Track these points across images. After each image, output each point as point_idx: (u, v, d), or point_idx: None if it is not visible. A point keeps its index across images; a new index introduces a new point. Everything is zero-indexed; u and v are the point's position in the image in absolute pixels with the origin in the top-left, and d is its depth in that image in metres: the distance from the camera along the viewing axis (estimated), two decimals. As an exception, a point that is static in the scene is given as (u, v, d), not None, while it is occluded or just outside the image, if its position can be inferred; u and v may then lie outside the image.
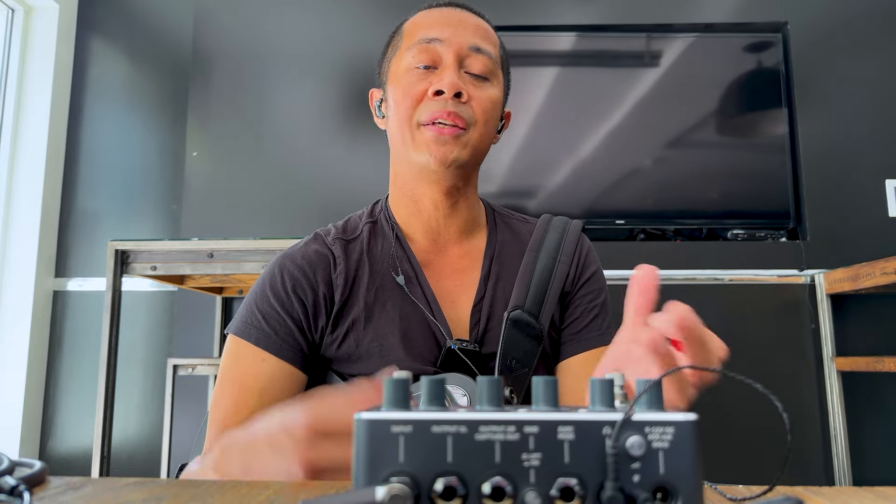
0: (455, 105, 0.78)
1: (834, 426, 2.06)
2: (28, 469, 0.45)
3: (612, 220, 2.25)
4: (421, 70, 0.80)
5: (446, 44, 0.80)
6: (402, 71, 0.81)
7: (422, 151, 0.79)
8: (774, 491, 0.40)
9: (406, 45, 0.82)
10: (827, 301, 2.12)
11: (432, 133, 0.78)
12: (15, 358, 2.25)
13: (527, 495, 0.32)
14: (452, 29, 0.81)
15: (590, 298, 0.86)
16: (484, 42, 0.82)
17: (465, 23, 0.82)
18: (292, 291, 0.79)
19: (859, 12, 2.34)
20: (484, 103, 0.80)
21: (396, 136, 0.82)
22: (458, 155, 0.79)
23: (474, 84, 0.81)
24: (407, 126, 0.80)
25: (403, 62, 0.82)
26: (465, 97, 0.79)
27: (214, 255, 1.72)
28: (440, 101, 0.78)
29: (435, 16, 0.83)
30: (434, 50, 0.80)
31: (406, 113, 0.80)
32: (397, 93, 0.81)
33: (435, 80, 0.79)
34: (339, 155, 2.35)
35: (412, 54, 0.81)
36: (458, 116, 0.78)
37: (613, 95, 2.33)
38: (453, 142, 0.78)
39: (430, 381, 0.35)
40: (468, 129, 0.79)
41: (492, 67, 0.82)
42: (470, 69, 0.80)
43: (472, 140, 0.80)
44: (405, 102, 0.80)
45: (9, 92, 2.39)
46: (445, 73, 0.79)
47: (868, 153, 2.26)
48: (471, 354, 0.79)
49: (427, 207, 0.85)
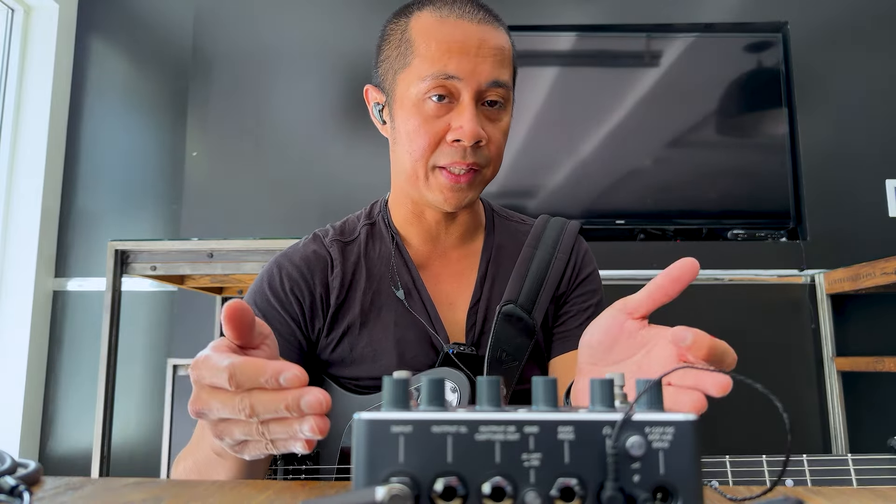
0: (473, 153, 0.75)
1: (834, 426, 2.06)
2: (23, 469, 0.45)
3: (612, 220, 2.25)
4: (435, 103, 0.75)
5: (465, 82, 0.74)
6: (414, 99, 0.76)
7: (435, 193, 0.78)
8: (774, 491, 0.40)
9: (419, 71, 0.76)
10: (827, 301, 2.12)
11: (447, 181, 0.76)
12: (15, 358, 2.25)
13: (527, 495, 0.32)
14: (472, 62, 0.74)
15: (584, 299, 0.86)
16: (502, 70, 0.77)
17: (485, 48, 0.75)
18: (290, 292, 0.79)
19: (859, 12, 2.34)
20: (499, 140, 0.78)
21: (406, 167, 0.79)
22: (472, 198, 0.79)
23: (490, 118, 0.77)
24: (421, 166, 0.77)
25: (414, 89, 0.76)
26: (483, 142, 0.76)
27: (214, 255, 1.72)
28: (459, 149, 0.75)
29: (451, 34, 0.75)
30: (452, 85, 0.75)
31: (420, 153, 0.76)
32: (409, 124, 0.77)
33: (453, 122, 0.75)
34: (338, 155, 2.35)
35: (427, 86, 0.75)
36: (477, 164, 0.76)
37: (613, 95, 2.32)
38: (468, 188, 0.77)
39: (431, 381, 0.35)
40: (483, 169, 0.78)
41: (507, 94, 0.78)
42: (486, 99, 0.77)
43: (485, 179, 0.80)
44: (419, 142, 0.76)
45: (9, 92, 2.39)
46: (464, 118, 0.74)
47: (868, 153, 2.26)
48: (468, 358, 0.79)
49: (428, 220, 0.85)
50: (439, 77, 0.74)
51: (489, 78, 0.75)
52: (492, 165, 0.79)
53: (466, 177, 0.76)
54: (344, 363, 0.80)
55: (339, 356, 0.80)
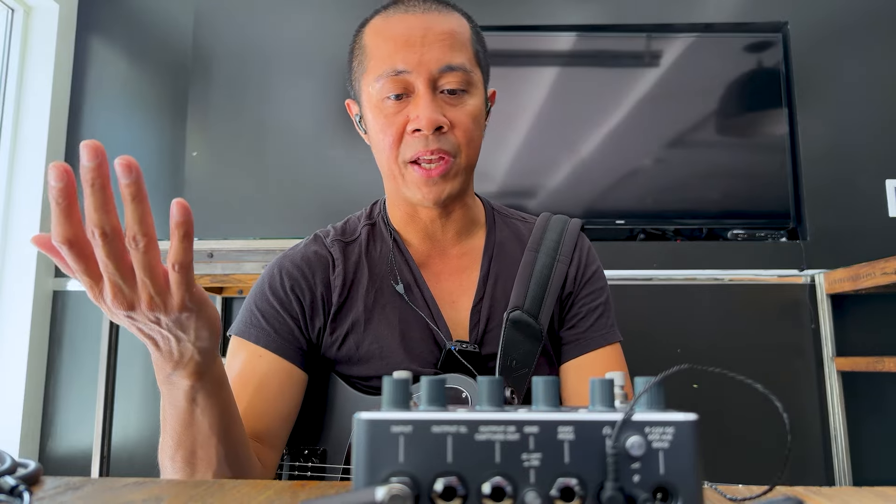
0: (437, 140, 0.75)
1: (834, 426, 2.06)
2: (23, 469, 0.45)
3: (612, 220, 2.25)
4: (393, 101, 0.76)
5: (415, 73, 0.74)
6: (375, 100, 0.77)
7: (413, 189, 0.78)
8: (774, 491, 0.40)
9: (373, 73, 0.77)
10: (827, 301, 2.12)
11: (420, 175, 0.76)
12: (15, 358, 2.25)
13: (527, 495, 0.32)
14: (418, 52, 0.74)
15: (592, 298, 0.86)
16: (454, 54, 0.76)
17: (430, 35, 0.75)
18: (290, 291, 0.79)
19: (859, 12, 2.34)
20: (465, 124, 0.77)
21: (384, 168, 0.80)
22: (451, 190, 0.78)
23: (452, 103, 0.76)
24: (394, 163, 0.78)
25: (373, 91, 0.77)
26: (445, 127, 0.75)
27: (214, 255, 1.72)
28: (420, 137, 0.75)
29: (395, 29, 0.77)
30: (403, 80, 0.75)
31: (389, 152, 0.77)
32: (375, 125, 0.78)
33: (411, 112, 0.75)
34: (339, 155, 2.35)
35: (381, 85, 0.76)
36: (442, 150, 0.75)
37: (613, 95, 2.32)
38: (442, 181, 0.77)
39: (431, 381, 0.35)
40: (455, 157, 0.77)
41: (467, 78, 0.77)
42: (444, 87, 0.76)
43: (460, 168, 0.79)
44: (385, 140, 0.77)
45: (9, 92, 2.39)
46: (420, 105, 0.74)
47: (868, 153, 2.26)
48: (470, 356, 0.79)
49: (423, 218, 0.85)
50: (390, 74, 0.75)
51: (440, 63, 0.75)
52: (463, 152, 0.78)
53: (438, 169, 0.76)
54: (351, 361, 0.80)
55: (346, 354, 0.80)
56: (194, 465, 0.61)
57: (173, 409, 0.58)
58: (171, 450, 0.61)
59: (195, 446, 0.60)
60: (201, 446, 0.60)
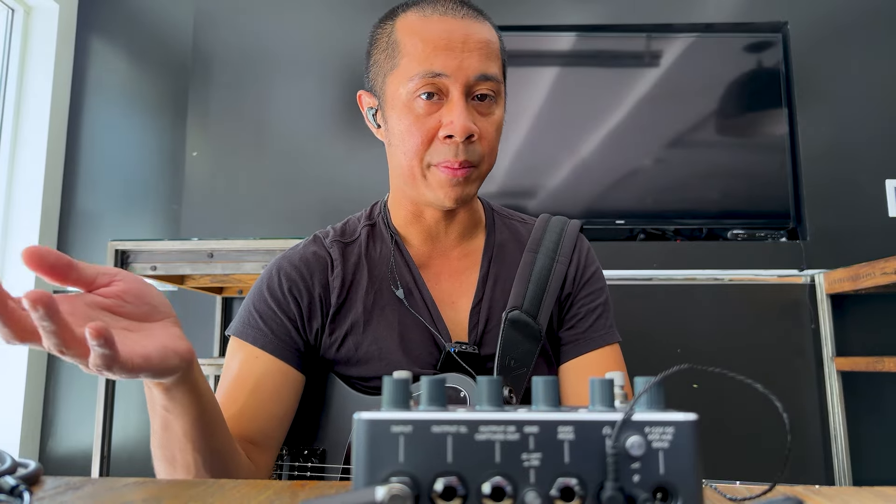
0: (465, 151, 0.75)
1: (834, 426, 2.06)
2: (23, 469, 0.45)
3: (612, 220, 2.25)
4: (425, 101, 0.76)
5: (453, 78, 0.75)
6: (405, 99, 0.77)
7: (434, 191, 0.78)
8: (774, 491, 0.40)
9: (406, 71, 0.76)
10: (827, 301, 2.12)
11: (445, 176, 0.76)
12: (15, 358, 2.25)
13: (527, 495, 0.32)
14: (457, 57, 0.75)
15: (592, 298, 0.86)
16: (489, 64, 0.77)
17: (470, 43, 0.76)
18: (288, 292, 0.79)
19: (859, 12, 2.34)
20: (491, 135, 0.78)
21: (403, 167, 0.79)
22: (469, 194, 0.79)
23: (481, 112, 0.77)
24: (417, 164, 0.77)
25: (404, 90, 0.77)
26: (475, 136, 0.76)
27: (214, 255, 1.72)
28: (451, 145, 0.75)
29: (436, 32, 0.76)
30: (440, 83, 0.75)
31: (414, 152, 0.77)
32: (401, 124, 0.77)
33: (444, 118, 0.75)
34: (339, 155, 2.35)
35: (415, 85, 0.75)
36: (468, 161, 0.76)
37: (613, 95, 2.32)
38: (465, 182, 0.77)
39: (430, 381, 0.35)
40: (478, 166, 0.78)
41: (497, 87, 0.78)
42: (476, 93, 0.77)
43: (482, 174, 0.80)
44: (412, 140, 0.76)
45: (9, 92, 2.39)
46: (455, 113, 0.74)
47: (868, 153, 2.26)
48: (470, 357, 0.79)
49: (428, 220, 0.85)
50: (427, 75, 0.75)
51: (477, 72, 0.75)
52: (486, 161, 0.79)
53: (463, 171, 0.76)
54: (350, 362, 0.80)
55: (345, 355, 0.80)
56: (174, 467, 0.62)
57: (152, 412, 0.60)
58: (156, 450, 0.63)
59: (174, 450, 0.61)
60: (179, 450, 0.61)
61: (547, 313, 0.83)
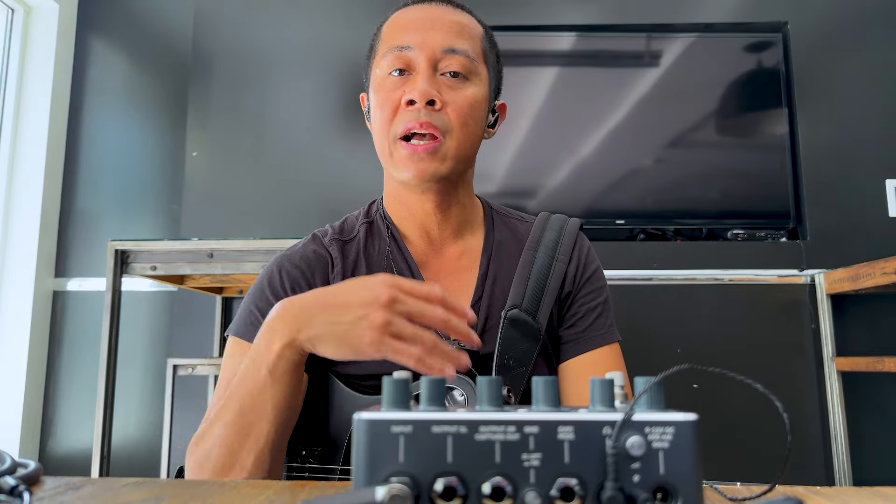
0: (428, 114, 0.76)
1: (834, 426, 2.06)
2: (23, 469, 0.45)
3: (612, 220, 2.25)
4: (395, 77, 0.79)
5: (417, 49, 0.78)
6: (380, 79, 0.81)
7: (400, 168, 0.79)
8: (774, 491, 0.40)
9: (381, 52, 0.81)
10: (827, 301, 2.12)
11: (407, 151, 0.78)
12: (15, 358, 2.25)
13: (527, 495, 0.32)
14: (423, 32, 0.78)
15: (592, 297, 0.86)
16: (459, 40, 0.79)
17: (439, 22, 0.79)
18: (290, 291, 0.79)
19: (859, 12, 2.34)
20: (461, 107, 0.79)
21: (379, 148, 0.82)
22: (437, 169, 0.78)
23: (451, 87, 0.79)
24: (385, 140, 0.79)
25: (379, 70, 0.81)
26: (438, 104, 0.77)
27: (214, 255, 1.72)
28: (413, 110, 0.77)
29: (408, 17, 0.81)
30: (407, 56, 0.78)
31: (383, 125, 0.79)
32: (375, 102, 0.81)
33: (409, 88, 0.78)
34: (339, 155, 2.35)
35: (386, 62, 0.79)
36: (432, 125, 0.76)
37: (613, 95, 2.32)
38: (429, 158, 0.77)
39: (430, 381, 0.35)
40: (444, 137, 0.78)
41: (469, 65, 0.79)
42: (446, 70, 0.79)
43: (449, 150, 0.79)
44: (382, 114, 0.79)
45: (9, 92, 2.39)
46: (417, 80, 0.77)
47: (868, 153, 2.26)
48: (469, 356, 0.79)
49: (419, 213, 0.85)
50: (394, 50, 0.79)
51: (443, 45, 0.78)
52: (455, 135, 0.79)
53: (425, 146, 0.77)
54: (349, 361, 0.80)
55: None
56: (245, 437, 0.63)
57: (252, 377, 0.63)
58: (231, 416, 0.63)
59: (255, 419, 0.62)
60: (260, 420, 0.62)
61: (546, 312, 0.82)
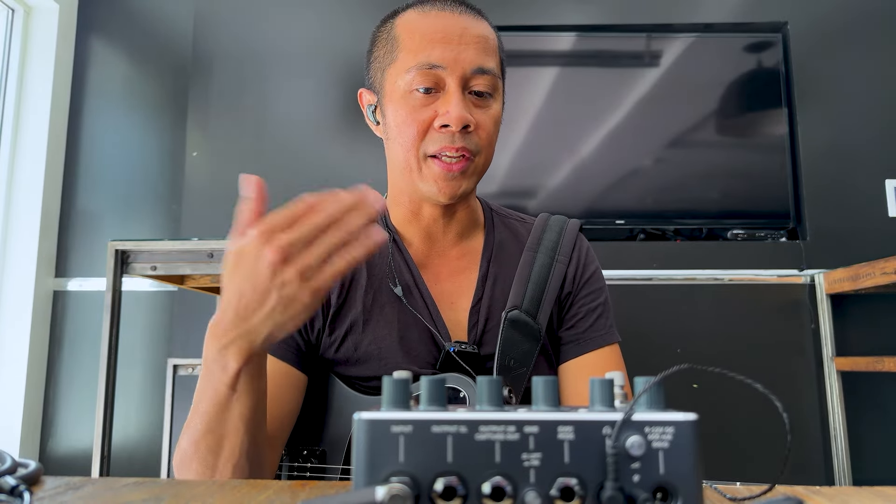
0: (462, 138, 0.76)
1: (834, 426, 2.06)
2: (23, 469, 0.45)
3: (612, 220, 2.25)
4: (421, 94, 0.77)
5: (449, 70, 0.76)
6: (402, 92, 0.78)
7: (429, 183, 0.78)
8: (774, 491, 0.40)
9: (404, 64, 0.78)
10: (827, 301, 2.12)
11: (440, 169, 0.77)
12: (15, 358, 2.25)
13: (527, 495, 0.32)
14: (454, 50, 0.76)
15: (591, 298, 0.86)
16: (487, 58, 0.78)
17: (466, 37, 0.77)
18: None
19: (859, 12, 2.34)
20: (489, 127, 0.79)
21: (399, 160, 0.80)
22: (466, 187, 0.79)
23: (478, 106, 0.78)
24: (413, 156, 0.78)
25: (401, 82, 0.78)
26: (472, 127, 0.76)
27: (214, 255, 1.72)
28: (447, 134, 0.76)
29: (433, 27, 0.78)
30: (437, 75, 0.76)
31: (410, 143, 0.77)
32: (398, 116, 0.78)
33: (440, 109, 0.76)
34: (338, 155, 2.35)
35: (412, 77, 0.77)
36: (466, 149, 0.76)
37: (613, 95, 2.32)
38: (460, 177, 0.78)
39: (430, 381, 0.35)
40: (475, 157, 0.78)
41: (495, 83, 0.79)
42: (473, 89, 0.78)
43: (478, 167, 0.80)
44: (408, 131, 0.77)
45: (9, 92, 2.39)
46: (451, 103, 0.75)
47: (868, 153, 2.26)
48: (469, 356, 0.79)
49: (426, 218, 0.85)
50: (423, 67, 0.76)
51: (473, 65, 0.77)
52: (483, 153, 0.79)
53: (459, 164, 0.77)
54: (350, 362, 0.80)
55: (345, 355, 0.80)
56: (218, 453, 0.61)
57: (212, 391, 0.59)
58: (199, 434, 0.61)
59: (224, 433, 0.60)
60: (232, 433, 0.60)
61: (546, 313, 0.82)
